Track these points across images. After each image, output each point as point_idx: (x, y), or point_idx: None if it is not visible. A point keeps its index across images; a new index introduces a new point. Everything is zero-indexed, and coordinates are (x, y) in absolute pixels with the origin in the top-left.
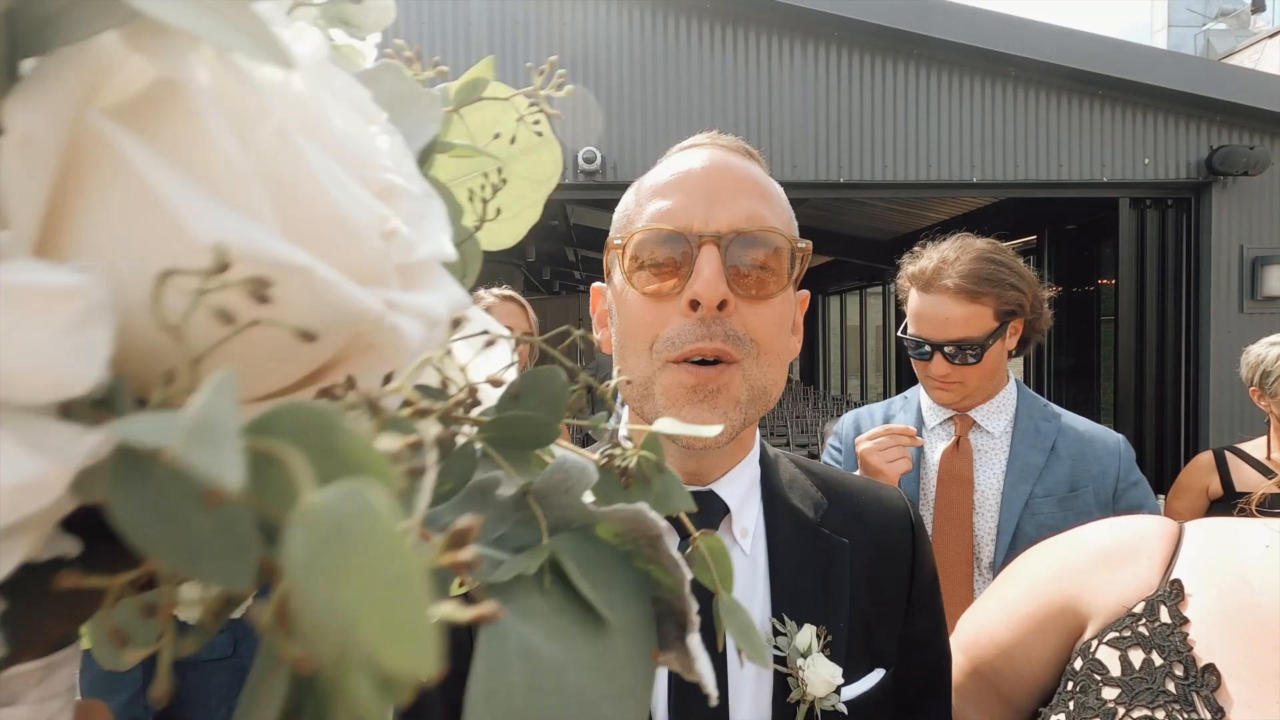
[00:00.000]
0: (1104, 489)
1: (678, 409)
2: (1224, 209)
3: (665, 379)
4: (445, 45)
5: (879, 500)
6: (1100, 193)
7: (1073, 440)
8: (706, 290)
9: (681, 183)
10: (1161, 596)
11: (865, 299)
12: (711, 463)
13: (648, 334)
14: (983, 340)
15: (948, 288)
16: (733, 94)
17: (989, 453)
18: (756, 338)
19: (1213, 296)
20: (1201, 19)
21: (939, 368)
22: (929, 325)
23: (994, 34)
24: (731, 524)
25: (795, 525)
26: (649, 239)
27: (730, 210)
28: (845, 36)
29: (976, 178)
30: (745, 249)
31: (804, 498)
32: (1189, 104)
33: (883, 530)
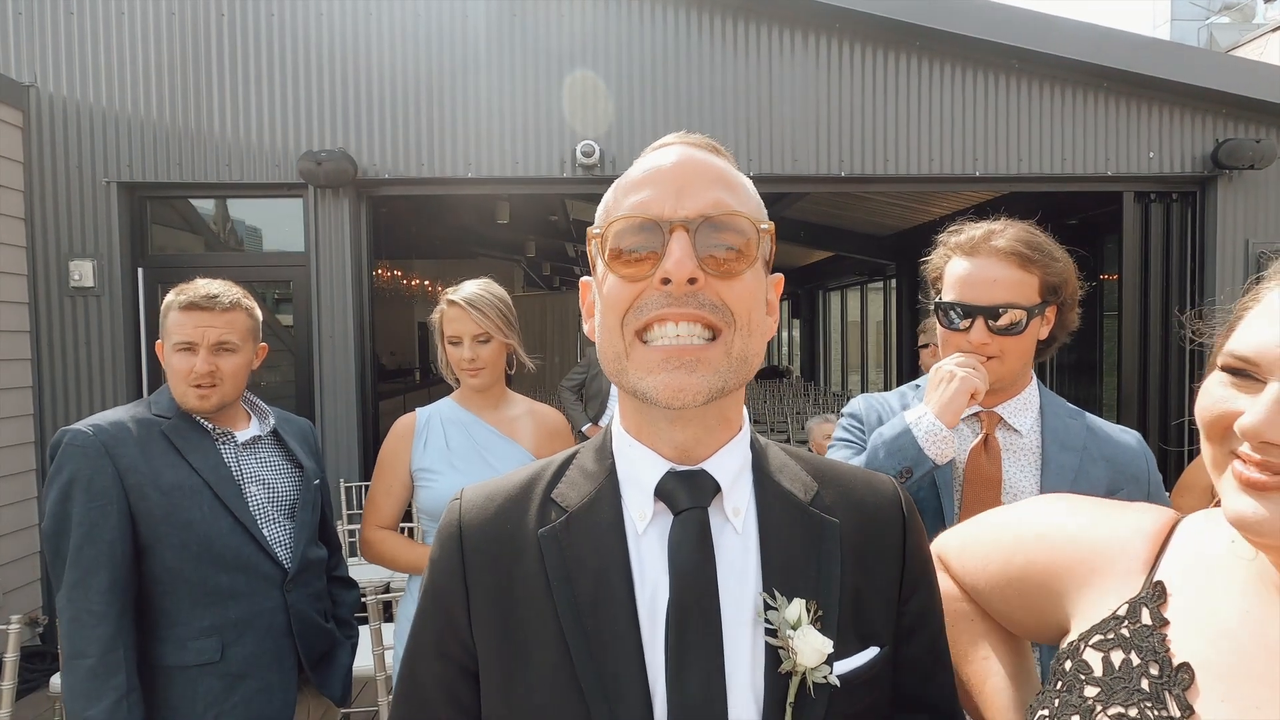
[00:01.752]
0: (1136, 494)
1: (655, 376)
2: (1229, 203)
3: (636, 357)
4: (444, 38)
5: (869, 484)
6: (1104, 186)
7: (1103, 441)
8: (676, 267)
9: (653, 177)
10: (1144, 599)
11: (866, 294)
12: (700, 438)
13: (620, 309)
14: (1029, 309)
15: (998, 249)
16: (733, 87)
17: (1017, 452)
18: (734, 308)
19: (1218, 292)
20: (1205, 12)
21: (979, 334)
22: (973, 288)
23: (997, 26)
24: (723, 502)
25: (785, 505)
26: (625, 228)
27: (698, 199)
28: (847, 28)
29: (979, 171)
30: (713, 233)
31: (794, 480)
32: (1194, 96)
33: (874, 510)
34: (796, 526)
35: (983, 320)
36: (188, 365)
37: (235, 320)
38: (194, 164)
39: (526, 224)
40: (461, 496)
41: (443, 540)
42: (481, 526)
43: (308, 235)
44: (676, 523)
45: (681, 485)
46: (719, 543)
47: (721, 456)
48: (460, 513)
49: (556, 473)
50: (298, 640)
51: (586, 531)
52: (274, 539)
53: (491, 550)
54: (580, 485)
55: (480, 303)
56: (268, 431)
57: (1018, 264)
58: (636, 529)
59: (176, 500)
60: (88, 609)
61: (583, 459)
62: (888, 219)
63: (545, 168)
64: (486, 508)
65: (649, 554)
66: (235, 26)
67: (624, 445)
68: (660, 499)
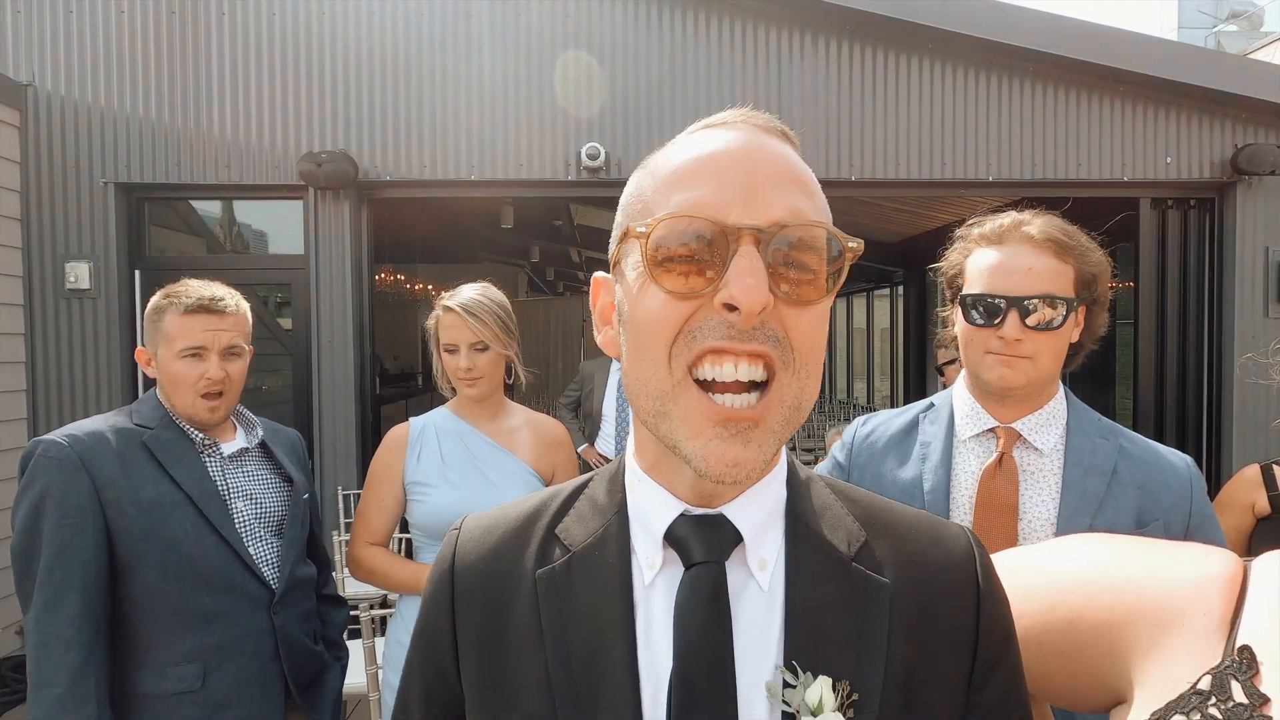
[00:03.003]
0: (1175, 524)
1: (703, 442)
2: (1249, 210)
3: (687, 402)
4: (446, 37)
5: (934, 536)
6: (1120, 192)
7: (1137, 464)
8: (749, 295)
9: (712, 167)
10: (1231, 669)
11: (873, 301)
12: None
13: (667, 334)
14: (1068, 301)
15: (1031, 237)
16: (740, 89)
17: (1036, 474)
18: (798, 346)
19: (1237, 300)
20: (1212, 20)
21: (1013, 328)
22: (1005, 277)
23: (1010, 27)
24: (746, 554)
25: (823, 559)
26: (678, 230)
27: (772, 203)
28: (856, 29)
29: (992, 176)
30: (788, 248)
31: (836, 527)
32: (1213, 101)
33: (938, 569)
34: (834, 586)
35: (1016, 313)
36: (198, 372)
37: (240, 323)
38: (192, 165)
39: (531, 228)
40: (460, 527)
41: (435, 576)
42: (476, 563)
43: (307, 238)
44: (686, 580)
45: (696, 533)
46: (738, 603)
47: (748, 500)
48: (455, 546)
49: (565, 503)
50: (285, 665)
51: (588, 576)
52: (261, 557)
53: (484, 590)
54: (588, 521)
55: (478, 309)
56: (255, 444)
57: (1053, 252)
58: (644, 578)
59: (157, 517)
60: (57, 634)
61: (594, 489)
62: (895, 225)
63: (550, 170)
64: (484, 541)
65: (657, 609)
66: (235, 26)
67: (635, 479)
68: (671, 546)
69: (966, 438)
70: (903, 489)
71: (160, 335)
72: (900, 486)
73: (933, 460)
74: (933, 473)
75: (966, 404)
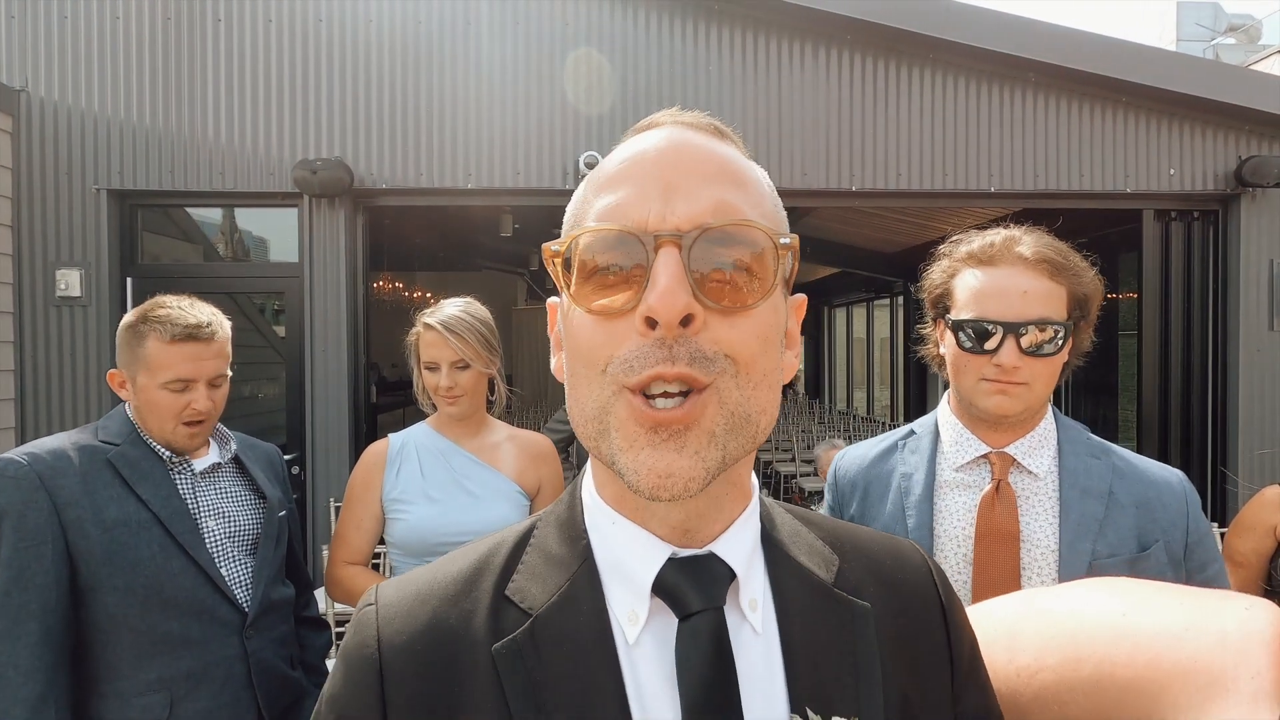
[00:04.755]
0: (1175, 543)
1: (636, 452)
2: (1253, 222)
3: (620, 410)
4: (447, 40)
5: (894, 553)
6: (1123, 204)
7: (1132, 483)
8: (663, 304)
9: (633, 170)
10: None
11: (872, 311)
12: (705, 512)
13: (599, 357)
14: (1064, 324)
15: (1024, 257)
16: (741, 98)
17: (1033, 499)
18: (734, 354)
19: (1241, 313)
20: (1210, 33)
21: (1010, 356)
22: (999, 302)
23: (1013, 38)
24: (739, 594)
25: (807, 588)
26: (594, 243)
27: (693, 201)
28: (858, 40)
29: (994, 187)
30: (714, 248)
31: (812, 554)
32: (1217, 112)
33: (905, 588)
34: (823, 616)
35: (1013, 339)
36: (182, 403)
37: (224, 347)
38: (186, 171)
39: (530, 236)
40: (377, 600)
41: (352, 665)
42: (408, 643)
43: (302, 245)
44: (685, 632)
45: (688, 578)
46: (737, 650)
47: (734, 534)
48: (377, 627)
49: (510, 558)
50: (258, 692)
51: (559, 643)
52: (233, 579)
53: (423, 677)
54: (545, 577)
55: (459, 327)
56: (229, 458)
57: (1047, 273)
58: (626, 637)
59: (121, 538)
60: (14, 664)
61: (543, 538)
62: (896, 235)
63: (548, 179)
64: (415, 616)
65: (646, 671)
66: (230, 32)
67: (602, 520)
68: (659, 596)
69: (957, 466)
70: (884, 526)
71: (140, 362)
72: (880, 524)
73: (915, 495)
74: (915, 508)
75: (954, 430)
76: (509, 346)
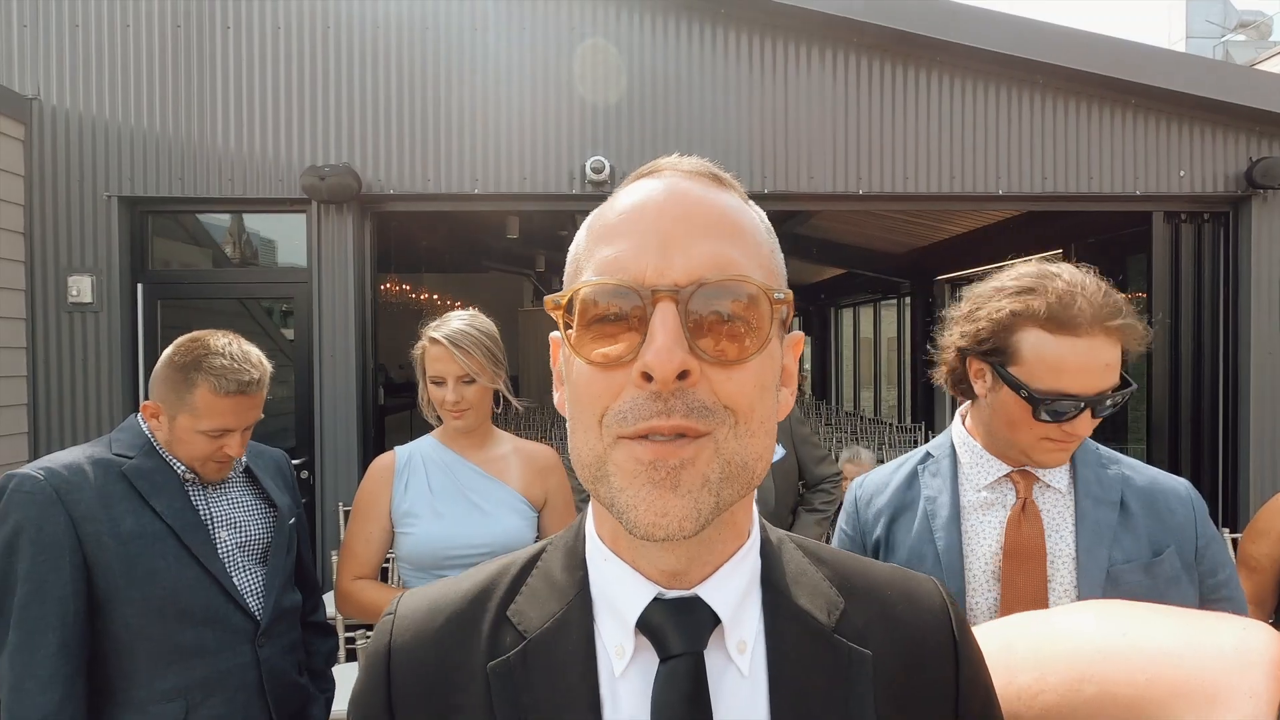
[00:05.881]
0: (1186, 550)
1: (634, 490)
2: (1264, 224)
3: (618, 456)
4: (454, 46)
5: (908, 595)
6: (1133, 206)
7: (1141, 491)
8: (660, 360)
9: (631, 223)
10: None
11: (879, 311)
12: (696, 556)
13: (596, 407)
14: (1126, 384)
15: (1107, 329)
16: (748, 102)
17: (1052, 512)
18: (733, 405)
19: (1253, 316)
20: (1220, 30)
21: (1085, 427)
22: (1083, 378)
23: (1021, 40)
24: (725, 637)
25: (804, 633)
26: (594, 295)
27: (691, 256)
28: (866, 43)
29: (1003, 190)
30: (711, 302)
31: (814, 596)
32: (1227, 114)
33: (916, 631)
34: (818, 663)
35: (1089, 412)
36: (216, 446)
37: (263, 396)
38: (196, 178)
39: (537, 238)
40: (396, 610)
41: (369, 668)
42: (417, 652)
43: (310, 251)
44: (663, 673)
45: (670, 620)
46: (719, 693)
47: (723, 577)
48: (392, 633)
49: (516, 579)
50: (270, 699)
51: (547, 668)
52: (245, 588)
53: (427, 686)
54: (544, 601)
55: (465, 341)
56: (240, 469)
57: (1119, 339)
58: (613, 668)
59: (137, 550)
60: (32, 674)
61: (549, 563)
62: (904, 236)
63: (554, 184)
64: (426, 627)
65: (628, 701)
66: (240, 40)
67: (598, 556)
68: (643, 634)
69: (980, 487)
70: (911, 549)
71: (184, 405)
72: (908, 548)
73: (942, 517)
74: (944, 530)
75: (973, 452)
76: (515, 347)
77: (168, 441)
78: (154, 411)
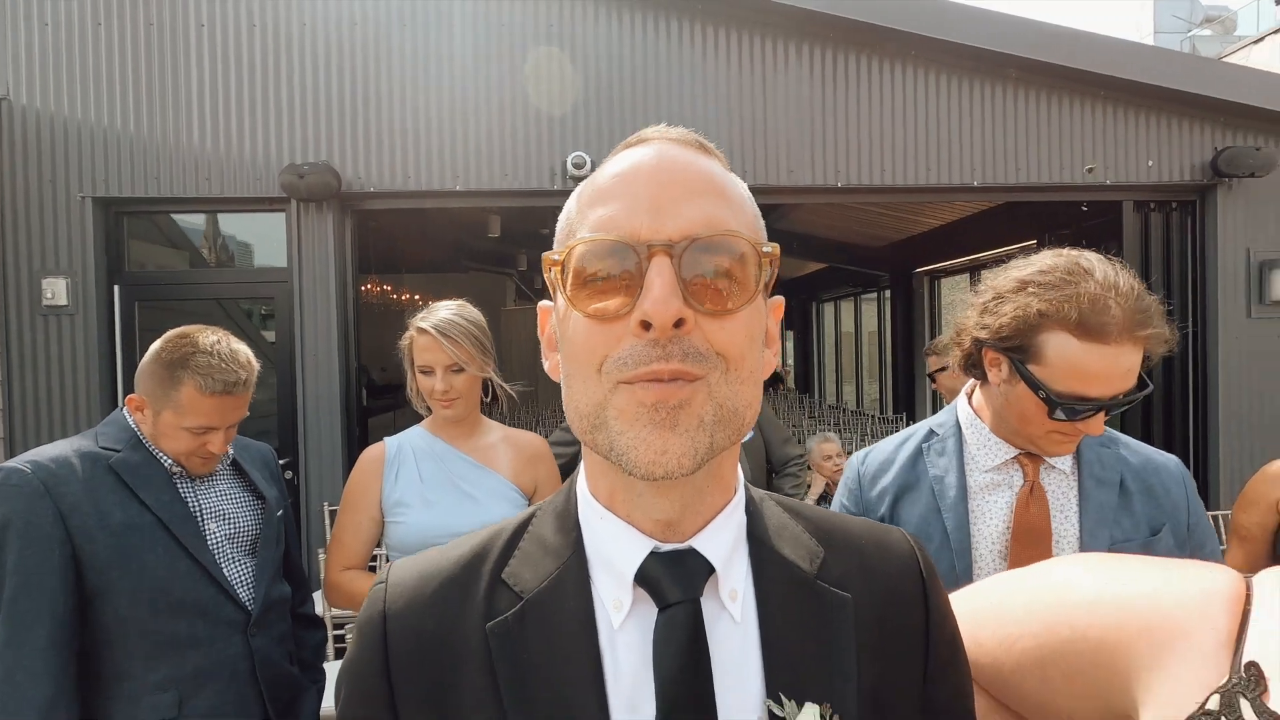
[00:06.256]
0: (1179, 527)
1: (635, 432)
2: (1230, 212)
3: (618, 401)
4: (433, 42)
5: (881, 544)
6: (1103, 196)
7: (1138, 471)
8: (658, 308)
9: (625, 185)
10: (1239, 687)
11: (860, 305)
12: (690, 505)
13: (595, 357)
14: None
15: (1134, 336)
16: (725, 97)
17: (1057, 493)
18: (724, 352)
19: (1220, 301)
20: (1187, 25)
21: (1099, 426)
22: (1105, 384)
23: (994, 34)
24: (718, 586)
25: (789, 581)
26: (590, 252)
27: (683, 214)
28: (842, 37)
29: (977, 181)
30: (702, 257)
31: (796, 547)
32: (1193, 104)
33: (889, 579)
34: (803, 607)
35: (1104, 411)
36: (200, 442)
37: (249, 396)
38: (172, 178)
39: (518, 237)
40: (387, 579)
41: (362, 637)
42: (411, 617)
43: (290, 250)
44: (662, 621)
45: (667, 571)
46: (714, 639)
47: (715, 530)
48: (385, 601)
49: (508, 544)
50: (263, 688)
51: (546, 625)
52: (235, 579)
53: (424, 650)
54: (538, 563)
55: (453, 330)
56: (227, 461)
57: (1144, 345)
58: (611, 621)
59: (128, 542)
60: (24, 667)
61: (540, 526)
62: (882, 229)
63: (535, 180)
64: (419, 593)
65: (626, 653)
66: (215, 38)
67: (592, 515)
68: (641, 586)
69: (988, 468)
70: (918, 528)
71: (169, 402)
72: (914, 526)
73: (950, 497)
74: (952, 510)
75: (980, 433)
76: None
77: (152, 435)
78: (139, 405)
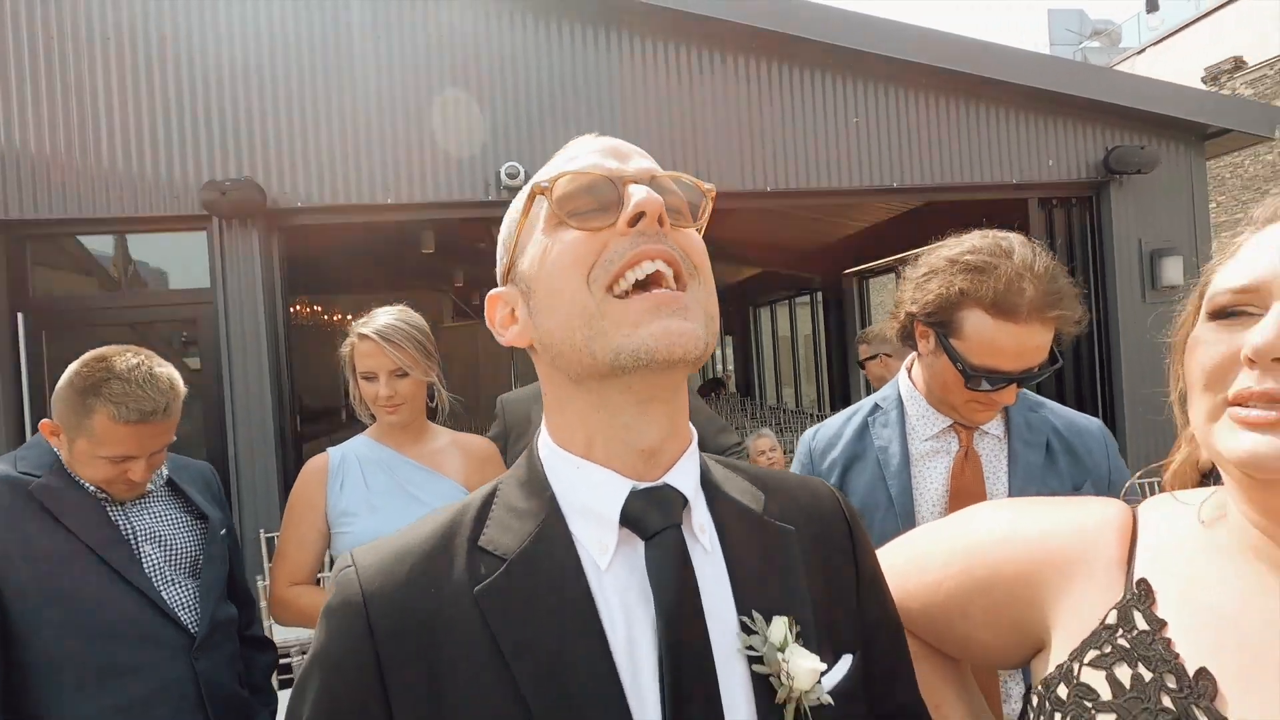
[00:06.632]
0: (1100, 483)
1: (648, 325)
2: (1122, 206)
3: (615, 312)
4: (358, 54)
5: (808, 490)
6: (1011, 194)
7: (1064, 433)
8: (648, 198)
9: (589, 145)
10: (1132, 600)
11: (795, 309)
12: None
13: (583, 265)
14: (1054, 359)
15: (1045, 317)
16: (654, 106)
17: (990, 457)
18: (697, 262)
19: (1118, 288)
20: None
21: (1011, 396)
22: (1018, 360)
23: (910, 45)
24: (690, 520)
25: (742, 516)
26: (576, 185)
27: (640, 163)
28: (764, 47)
29: (896, 183)
30: (663, 187)
31: (742, 491)
32: (1087, 109)
33: (820, 514)
34: (757, 538)
35: (1018, 384)
36: (119, 471)
37: (176, 418)
38: (81, 198)
39: (453, 252)
40: (354, 562)
41: (339, 622)
42: (393, 595)
43: (214, 270)
44: (652, 548)
45: (650, 505)
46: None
47: (681, 470)
48: (360, 584)
49: (478, 516)
50: (211, 713)
51: (535, 579)
52: (176, 602)
53: (414, 627)
54: (513, 526)
55: (395, 335)
56: (161, 483)
57: (1054, 325)
58: (598, 564)
59: (52, 570)
60: None
61: (507, 495)
62: (810, 233)
63: (469, 191)
64: (395, 571)
65: (616, 592)
66: (123, 50)
67: (567, 469)
68: (626, 525)
69: (927, 437)
70: (865, 495)
71: (82, 430)
72: (861, 494)
73: (894, 465)
74: (896, 477)
75: (919, 405)
76: None
77: (69, 462)
78: (53, 430)
